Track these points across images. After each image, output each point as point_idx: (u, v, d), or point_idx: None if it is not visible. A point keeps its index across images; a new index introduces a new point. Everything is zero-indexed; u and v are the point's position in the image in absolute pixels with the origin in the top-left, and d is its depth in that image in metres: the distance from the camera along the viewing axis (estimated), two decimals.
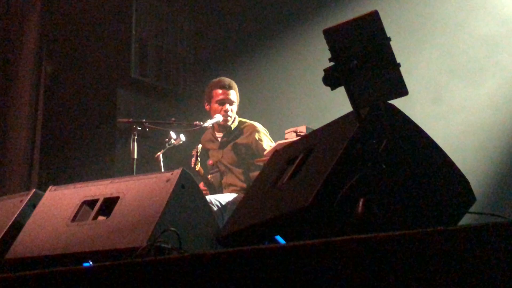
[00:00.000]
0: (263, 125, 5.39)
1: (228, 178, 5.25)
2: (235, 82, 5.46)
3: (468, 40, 5.93)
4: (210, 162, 5.43)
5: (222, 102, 5.30)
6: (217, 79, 5.43)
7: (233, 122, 5.36)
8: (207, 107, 5.40)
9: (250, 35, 7.29)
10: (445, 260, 1.69)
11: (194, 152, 5.13)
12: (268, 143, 5.18)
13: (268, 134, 5.31)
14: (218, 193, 5.17)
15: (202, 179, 5.24)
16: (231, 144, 5.29)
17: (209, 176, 5.35)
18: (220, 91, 5.32)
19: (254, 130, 5.28)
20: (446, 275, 1.68)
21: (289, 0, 7.04)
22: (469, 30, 5.92)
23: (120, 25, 7.15)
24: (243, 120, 5.42)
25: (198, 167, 5.10)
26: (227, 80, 5.38)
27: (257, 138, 5.23)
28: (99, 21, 6.89)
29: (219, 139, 5.38)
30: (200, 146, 5.19)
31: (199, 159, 5.10)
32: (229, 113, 5.28)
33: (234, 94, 5.32)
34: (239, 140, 5.30)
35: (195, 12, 7.78)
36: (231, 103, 5.30)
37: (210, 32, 7.70)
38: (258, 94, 6.04)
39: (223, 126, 5.34)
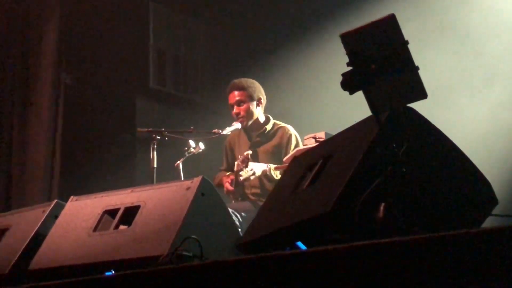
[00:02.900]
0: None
1: (253, 180, 5.11)
2: None
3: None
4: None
5: (231, 106, 5.23)
6: None
7: (266, 124, 5.24)
8: None
9: (267, 43, 7.30)
10: (468, 263, 1.68)
11: (242, 158, 4.92)
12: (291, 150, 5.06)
13: (298, 139, 5.14)
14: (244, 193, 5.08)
15: (234, 179, 5.02)
16: (264, 145, 5.19)
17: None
18: (228, 95, 5.26)
19: (288, 133, 5.15)
20: (469, 277, 1.67)
21: (305, 6, 7.04)
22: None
23: (138, 36, 7.21)
24: (278, 122, 5.29)
25: (244, 177, 4.92)
26: (230, 83, 5.24)
27: (288, 141, 5.12)
28: (117, 32, 6.94)
29: (252, 137, 5.25)
30: (250, 152, 4.99)
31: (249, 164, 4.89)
32: (241, 114, 5.12)
33: (240, 94, 5.13)
34: (272, 142, 5.19)
35: (211, 21, 7.82)
36: (239, 103, 5.14)
37: (227, 41, 7.72)
38: (276, 100, 6.01)
39: (255, 127, 5.22)
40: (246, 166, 4.82)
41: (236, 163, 4.94)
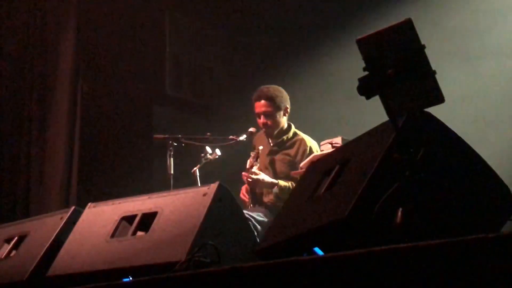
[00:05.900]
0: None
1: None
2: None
3: None
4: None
5: (258, 115, 5.18)
6: None
7: (286, 132, 5.18)
8: None
9: (283, 49, 7.30)
10: (487, 268, 1.66)
11: (254, 154, 4.93)
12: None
13: (316, 151, 5.03)
14: (259, 199, 5.08)
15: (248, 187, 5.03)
16: (280, 153, 5.16)
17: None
18: (255, 103, 5.20)
19: (305, 147, 5.09)
20: (488, 282, 1.65)
21: (321, 11, 7.03)
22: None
23: (154, 43, 7.23)
24: (298, 132, 5.22)
25: (256, 167, 4.89)
26: (258, 91, 5.18)
27: (303, 153, 5.07)
28: (134, 39, 6.97)
29: (271, 144, 5.22)
30: (261, 148, 4.98)
31: (259, 160, 4.90)
32: (269, 125, 5.09)
33: (266, 104, 5.08)
34: (289, 152, 5.14)
35: (228, 28, 7.83)
36: (266, 114, 5.08)
37: (243, 47, 7.73)
38: (292, 106, 6.00)
39: (277, 134, 5.18)
40: (255, 160, 4.87)
41: (248, 160, 4.94)
